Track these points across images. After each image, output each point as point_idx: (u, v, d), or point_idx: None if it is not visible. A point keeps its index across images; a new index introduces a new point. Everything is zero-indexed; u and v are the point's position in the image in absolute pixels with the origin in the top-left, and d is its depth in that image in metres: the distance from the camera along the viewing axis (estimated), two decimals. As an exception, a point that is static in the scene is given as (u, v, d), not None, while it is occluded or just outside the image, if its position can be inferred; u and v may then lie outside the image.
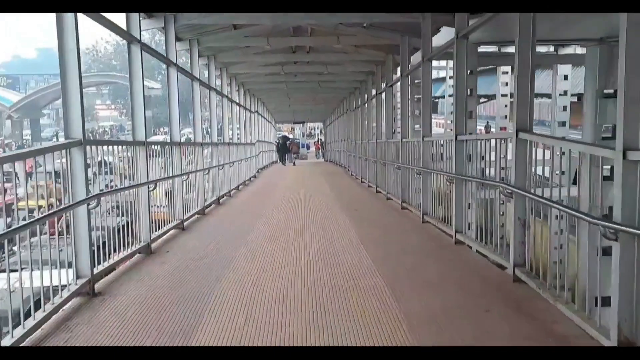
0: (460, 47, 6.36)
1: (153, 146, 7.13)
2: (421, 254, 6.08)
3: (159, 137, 41.53)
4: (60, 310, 4.09)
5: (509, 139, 4.97)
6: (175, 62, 8.02)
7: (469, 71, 6.43)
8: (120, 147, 5.85)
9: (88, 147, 4.54)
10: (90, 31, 5.61)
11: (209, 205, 10.28)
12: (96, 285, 4.69)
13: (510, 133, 4.87)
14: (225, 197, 11.99)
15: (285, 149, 30.05)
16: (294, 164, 29.84)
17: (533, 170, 4.69)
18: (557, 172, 4.07)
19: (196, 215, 9.13)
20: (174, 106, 8.11)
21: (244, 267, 5.56)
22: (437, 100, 24.08)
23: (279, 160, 29.84)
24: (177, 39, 9.68)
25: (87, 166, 4.50)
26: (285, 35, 11.14)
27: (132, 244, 5.89)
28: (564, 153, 4.07)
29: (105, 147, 5.28)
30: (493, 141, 5.53)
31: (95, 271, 4.69)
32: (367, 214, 9.46)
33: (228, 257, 6.04)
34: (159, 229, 7.02)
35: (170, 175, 7.70)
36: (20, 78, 74.85)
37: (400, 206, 9.66)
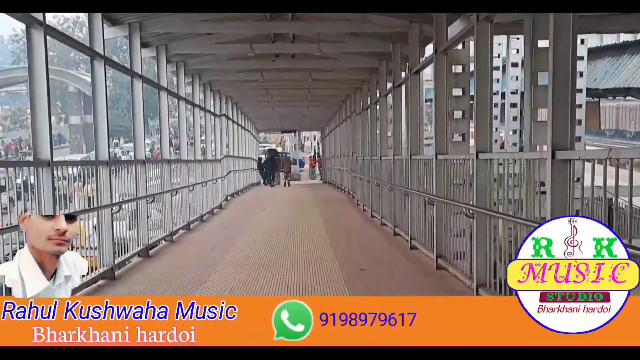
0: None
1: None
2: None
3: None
4: None
5: None
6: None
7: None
8: None
9: None
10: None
11: (129, 257, 8.41)
12: None
13: None
14: (165, 241, 10.40)
15: (273, 166, 28.64)
16: (288, 184, 29.46)
17: None
18: None
19: (100, 281, 7.19)
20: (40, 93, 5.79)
21: None
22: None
23: (262, 181, 28.36)
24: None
25: None
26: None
27: None
28: None
29: None
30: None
31: None
32: (382, 279, 7.28)
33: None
34: None
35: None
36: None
37: (433, 263, 7.91)
